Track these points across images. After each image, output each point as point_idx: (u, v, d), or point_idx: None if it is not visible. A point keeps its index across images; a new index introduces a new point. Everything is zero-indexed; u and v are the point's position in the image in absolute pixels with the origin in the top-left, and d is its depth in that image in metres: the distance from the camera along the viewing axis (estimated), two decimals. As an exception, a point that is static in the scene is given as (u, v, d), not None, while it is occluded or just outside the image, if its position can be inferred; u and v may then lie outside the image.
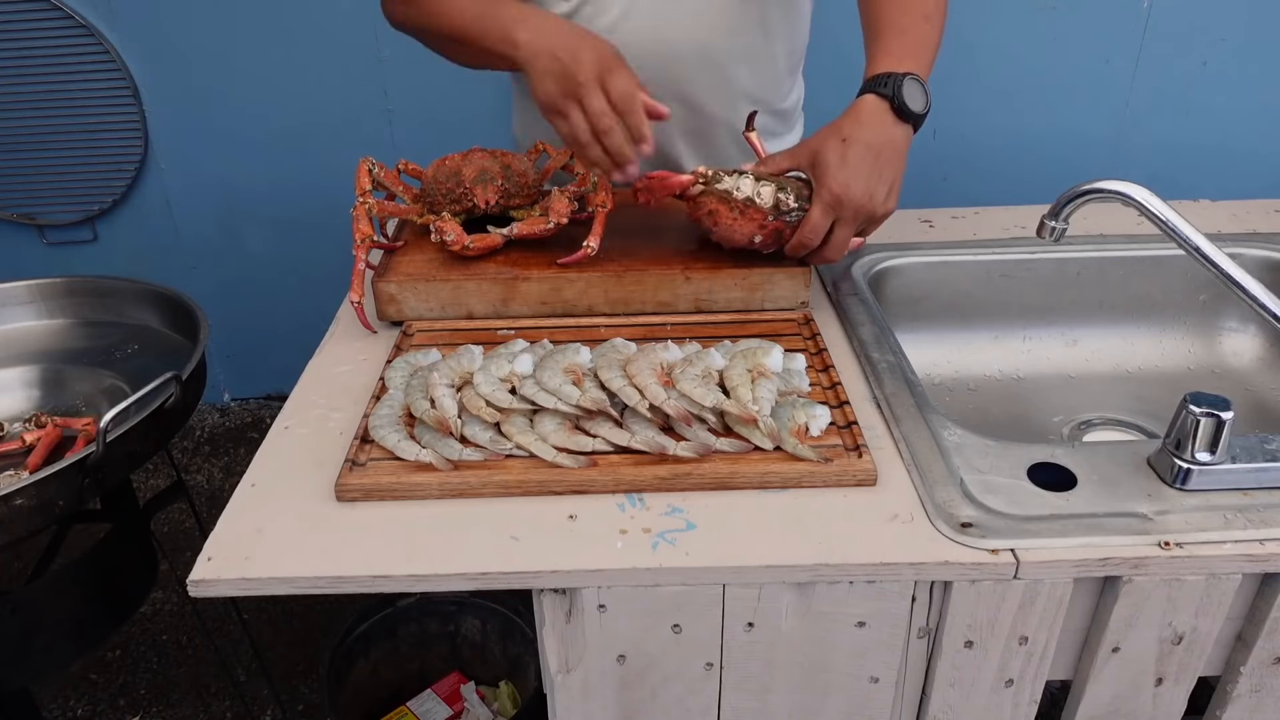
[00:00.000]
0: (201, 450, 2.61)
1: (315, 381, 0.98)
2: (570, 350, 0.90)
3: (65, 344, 1.31)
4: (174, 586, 2.08)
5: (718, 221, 1.01)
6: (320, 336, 1.07)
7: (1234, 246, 1.20)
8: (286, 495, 0.81)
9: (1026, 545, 0.73)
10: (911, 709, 0.84)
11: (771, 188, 0.99)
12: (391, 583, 0.73)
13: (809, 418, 0.84)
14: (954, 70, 2.27)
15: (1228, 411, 0.76)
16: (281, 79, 2.29)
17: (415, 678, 1.61)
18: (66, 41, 2.22)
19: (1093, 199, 0.91)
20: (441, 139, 2.32)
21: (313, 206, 2.44)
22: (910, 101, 0.97)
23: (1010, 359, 1.23)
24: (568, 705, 0.82)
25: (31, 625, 1.13)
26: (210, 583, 0.73)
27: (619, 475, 0.80)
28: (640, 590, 0.74)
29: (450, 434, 0.82)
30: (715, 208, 1.00)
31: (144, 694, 1.89)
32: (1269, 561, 0.73)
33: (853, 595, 0.75)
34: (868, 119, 0.98)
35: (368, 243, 1.04)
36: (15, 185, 2.40)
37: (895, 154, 0.98)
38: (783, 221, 1.00)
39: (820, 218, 0.97)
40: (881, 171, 0.97)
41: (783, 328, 1.02)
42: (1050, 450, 0.83)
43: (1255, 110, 2.30)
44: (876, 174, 0.96)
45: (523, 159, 1.14)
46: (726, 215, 1.00)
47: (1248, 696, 0.82)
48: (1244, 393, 1.18)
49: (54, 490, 0.99)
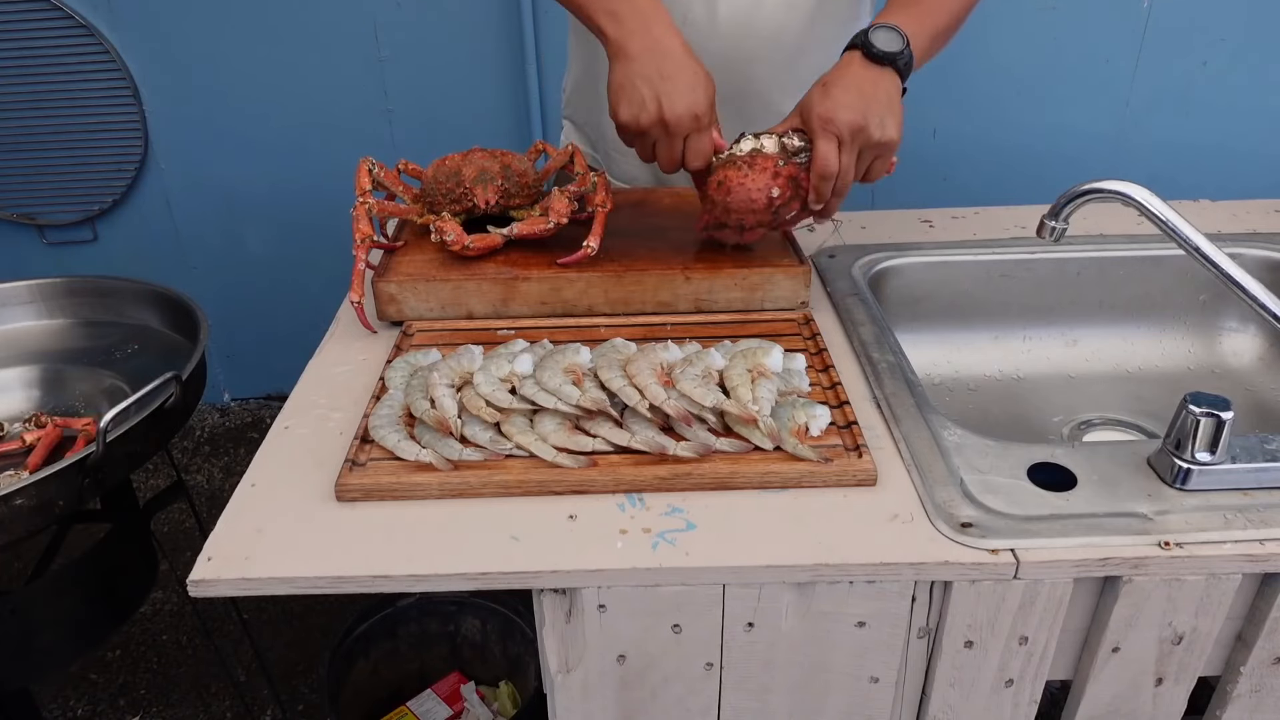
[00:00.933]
0: (201, 450, 2.61)
1: (315, 381, 0.98)
2: (570, 350, 0.90)
3: (65, 344, 1.31)
4: (174, 586, 2.08)
5: (730, 189, 0.98)
6: (320, 336, 1.07)
7: (1234, 246, 1.20)
8: (286, 495, 0.81)
9: (1026, 545, 0.73)
10: (911, 709, 0.84)
11: (773, 136, 0.98)
12: (391, 583, 0.73)
13: (809, 418, 0.84)
14: (954, 70, 2.27)
15: (1228, 411, 0.76)
16: (282, 79, 2.29)
17: (415, 678, 1.61)
18: (66, 41, 2.22)
19: (1093, 199, 0.91)
20: (441, 139, 2.33)
21: (313, 206, 2.44)
22: (878, 43, 0.97)
23: (1010, 359, 1.23)
24: (568, 705, 0.82)
25: (31, 625, 1.13)
26: (210, 583, 0.73)
27: (619, 475, 0.80)
28: (640, 590, 0.74)
29: (450, 434, 0.82)
30: (724, 175, 0.98)
31: (144, 694, 1.89)
32: (1269, 561, 0.73)
33: (853, 595, 0.75)
34: (844, 66, 0.98)
35: (368, 243, 1.04)
36: (15, 185, 2.40)
37: (879, 89, 0.97)
38: (795, 165, 0.97)
39: (824, 143, 0.96)
40: (868, 100, 0.96)
41: (783, 328, 1.02)
42: (1050, 450, 0.83)
43: (1255, 110, 2.30)
44: (863, 100, 0.95)
45: (523, 159, 1.14)
46: (736, 176, 0.97)
47: (1248, 696, 0.82)
48: (1244, 393, 1.18)
49: (54, 490, 0.99)
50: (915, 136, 2.33)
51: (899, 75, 0.98)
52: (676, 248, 1.08)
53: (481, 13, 2.21)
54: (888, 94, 0.97)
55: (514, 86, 2.29)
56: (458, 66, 2.28)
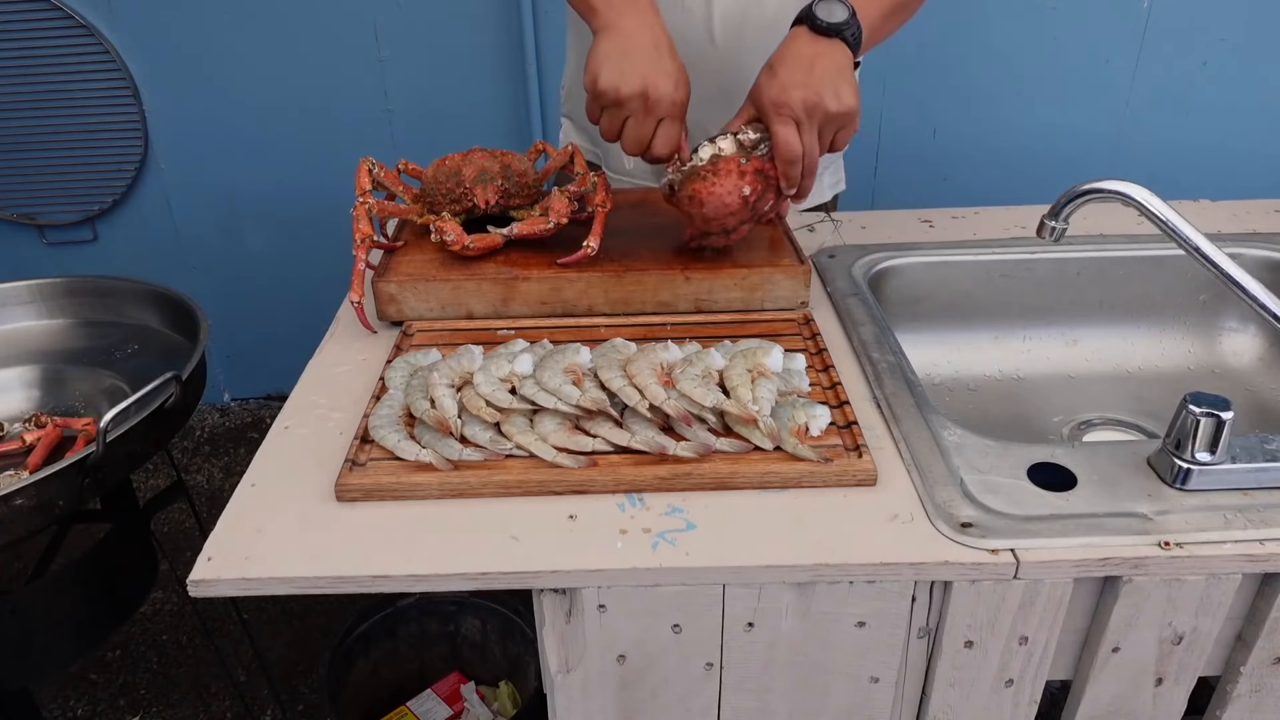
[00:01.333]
0: (201, 450, 2.61)
1: (315, 381, 0.98)
2: (570, 350, 0.90)
3: (65, 344, 1.31)
4: (174, 586, 2.08)
5: (702, 200, 0.97)
6: (320, 336, 1.07)
7: (1234, 246, 1.20)
8: (286, 495, 0.81)
9: (1026, 545, 0.73)
10: (911, 709, 0.84)
11: (729, 136, 0.98)
12: (391, 583, 0.73)
13: (809, 418, 0.84)
14: (954, 70, 2.27)
15: (1228, 411, 0.76)
16: (282, 79, 2.29)
17: (415, 678, 1.61)
18: (66, 41, 2.22)
19: (1093, 199, 0.91)
20: (441, 139, 2.33)
21: (313, 207, 2.45)
22: (822, 14, 0.96)
23: (1010, 359, 1.23)
24: (568, 705, 0.82)
25: (31, 625, 1.13)
26: (210, 583, 0.73)
27: (619, 475, 0.80)
28: (640, 590, 0.74)
29: (450, 434, 0.82)
30: (692, 189, 0.97)
31: (144, 694, 1.89)
32: (1269, 561, 0.73)
33: (853, 595, 0.75)
34: (790, 42, 0.98)
35: (368, 243, 1.04)
36: (15, 185, 2.40)
37: (828, 61, 0.95)
38: (757, 159, 0.97)
39: (781, 128, 0.95)
40: (817, 75, 0.94)
41: (783, 328, 1.02)
42: (1050, 450, 0.83)
43: (1255, 110, 2.30)
44: (812, 76, 0.94)
45: (522, 159, 1.14)
46: (704, 187, 0.96)
47: (1248, 696, 0.82)
48: (1244, 393, 1.18)
49: (54, 490, 0.99)
50: (915, 136, 2.34)
51: (849, 46, 0.96)
52: (676, 248, 1.08)
53: (481, 13, 2.21)
54: (837, 65, 0.95)
55: (514, 86, 2.29)
56: (458, 66, 2.28)
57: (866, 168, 2.35)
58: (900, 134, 2.28)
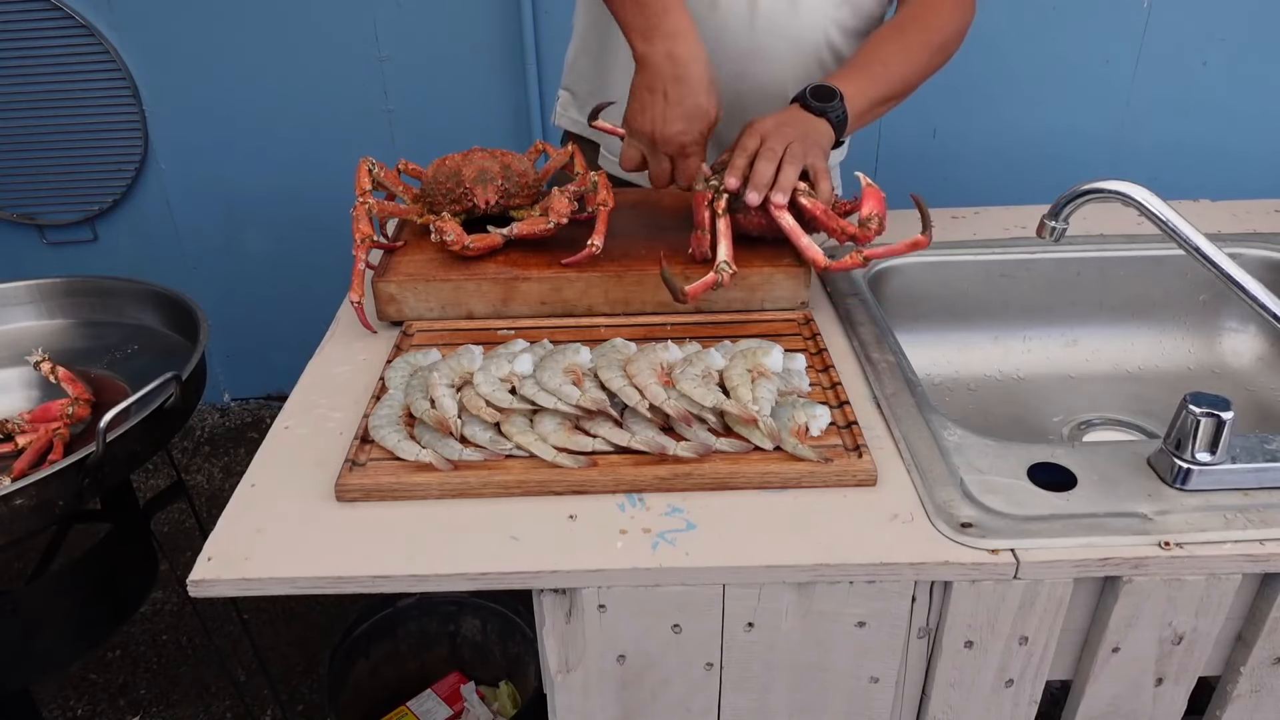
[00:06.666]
0: (201, 450, 2.61)
1: (315, 381, 0.98)
2: (570, 350, 0.90)
3: (65, 344, 1.31)
4: (174, 586, 2.08)
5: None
6: (320, 336, 1.07)
7: (1234, 246, 1.20)
8: (286, 495, 0.81)
9: (1026, 545, 0.73)
10: (911, 709, 0.84)
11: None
12: (391, 583, 0.73)
13: (809, 418, 0.84)
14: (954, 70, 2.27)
15: (1228, 411, 0.76)
16: (282, 79, 2.29)
17: (415, 678, 1.61)
18: (66, 41, 2.22)
19: (1093, 199, 0.91)
20: (441, 139, 2.33)
21: (313, 206, 2.44)
22: (814, 96, 1.06)
23: (1010, 359, 1.23)
24: (568, 705, 0.82)
25: (31, 625, 1.13)
26: (210, 583, 0.73)
27: (619, 475, 0.80)
28: (640, 590, 0.74)
29: (450, 434, 0.82)
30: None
31: (144, 694, 1.89)
32: (1269, 561, 0.73)
33: (853, 595, 0.75)
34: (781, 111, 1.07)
35: (368, 243, 1.04)
36: (15, 185, 2.40)
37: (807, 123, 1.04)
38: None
39: (746, 136, 1.02)
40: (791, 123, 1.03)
41: (783, 328, 1.02)
42: (1050, 450, 0.83)
43: (1255, 110, 2.30)
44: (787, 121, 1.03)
45: (523, 159, 1.14)
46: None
47: (1248, 696, 0.82)
48: (1244, 393, 1.18)
49: (54, 490, 0.98)
50: (915, 136, 2.34)
51: (833, 126, 1.06)
52: (677, 248, 1.08)
53: (481, 13, 2.21)
54: (815, 129, 1.05)
55: (514, 86, 2.29)
56: (458, 66, 2.28)
57: (866, 168, 2.34)
58: (900, 134, 2.28)
